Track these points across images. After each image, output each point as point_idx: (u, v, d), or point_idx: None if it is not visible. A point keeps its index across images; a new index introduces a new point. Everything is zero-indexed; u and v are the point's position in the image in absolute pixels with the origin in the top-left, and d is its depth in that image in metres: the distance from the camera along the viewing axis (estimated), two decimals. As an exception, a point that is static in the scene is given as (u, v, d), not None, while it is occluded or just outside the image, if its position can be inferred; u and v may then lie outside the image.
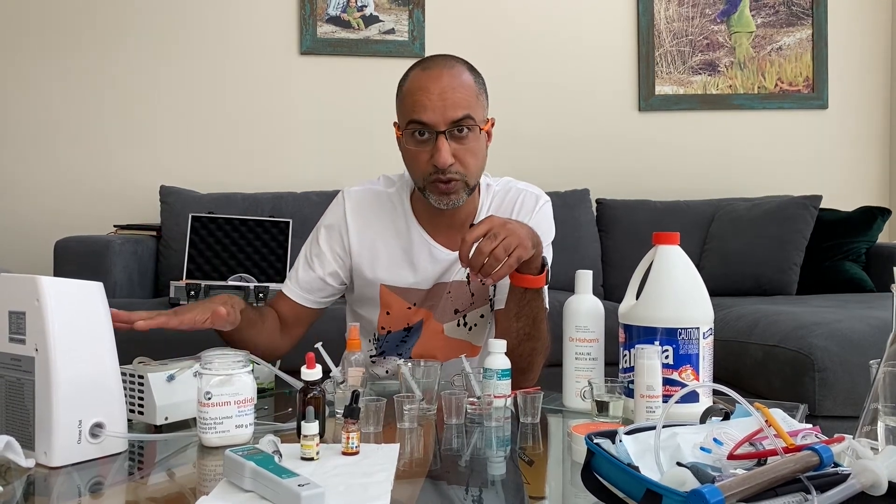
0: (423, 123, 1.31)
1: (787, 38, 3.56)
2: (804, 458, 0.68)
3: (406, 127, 1.34)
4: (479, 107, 1.35)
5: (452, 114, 1.30)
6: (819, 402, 1.89)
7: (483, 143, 1.38)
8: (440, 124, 1.30)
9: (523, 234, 1.23)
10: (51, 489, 0.88)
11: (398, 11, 3.41)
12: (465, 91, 1.33)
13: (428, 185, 1.35)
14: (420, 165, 1.35)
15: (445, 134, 1.31)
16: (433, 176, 1.33)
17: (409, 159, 1.38)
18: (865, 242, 2.98)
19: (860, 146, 3.60)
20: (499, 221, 1.21)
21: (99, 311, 0.97)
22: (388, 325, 1.47)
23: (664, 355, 1.08)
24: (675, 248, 1.14)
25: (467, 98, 1.32)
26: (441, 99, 1.30)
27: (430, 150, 1.32)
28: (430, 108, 1.30)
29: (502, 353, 1.16)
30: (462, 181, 1.35)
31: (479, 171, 1.39)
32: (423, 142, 1.33)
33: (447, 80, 1.32)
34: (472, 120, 1.32)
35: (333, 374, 1.18)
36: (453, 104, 1.30)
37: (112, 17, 3.31)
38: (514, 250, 1.20)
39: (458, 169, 1.33)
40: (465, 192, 1.36)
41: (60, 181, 3.29)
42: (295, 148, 3.38)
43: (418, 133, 1.33)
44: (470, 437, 1.07)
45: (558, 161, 3.45)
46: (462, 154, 1.33)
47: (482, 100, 1.38)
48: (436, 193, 1.36)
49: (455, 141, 1.32)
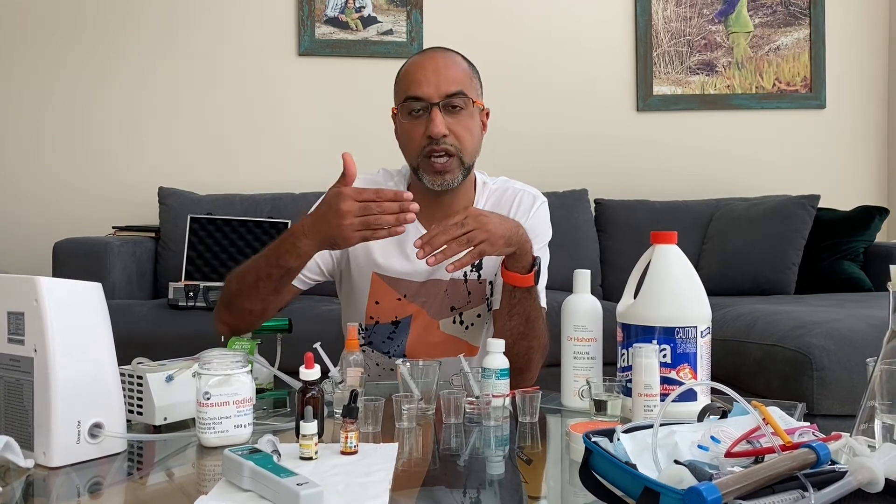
0: (417, 98, 1.35)
1: (784, 38, 3.57)
2: (801, 456, 0.68)
3: (402, 103, 1.38)
4: (472, 87, 1.39)
5: (446, 87, 1.34)
6: (817, 401, 1.89)
7: (477, 122, 1.41)
8: (434, 97, 1.34)
9: (497, 231, 1.23)
10: (50, 489, 0.88)
11: (396, 12, 3.41)
12: (460, 70, 1.38)
13: (422, 161, 1.36)
14: (415, 140, 1.36)
15: (439, 106, 1.34)
16: (427, 149, 1.35)
17: (404, 137, 1.40)
18: (863, 242, 2.99)
19: (858, 146, 3.61)
20: (475, 213, 1.23)
21: (98, 311, 0.97)
22: (377, 315, 1.47)
23: (662, 354, 1.09)
24: (672, 247, 1.14)
25: (461, 76, 1.37)
26: (435, 74, 1.35)
27: (425, 123, 1.34)
28: (424, 83, 1.34)
29: (500, 352, 1.16)
30: (457, 156, 1.36)
31: (473, 149, 1.40)
32: (417, 116, 1.36)
33: (441, 60, 1.37)
34: (465, 95, 1.36)
35: (332, 374, 1.18)
36: (447, 79, 1.35)
37: (110, 19, 3.31)
38: (479, 244, 1.21)
39: (452, 142, 1.35)
40: (459, 170, 1.37)
41: (59, 183, 3.29)
42: (293, 149, 3.38)
43: (413, 109, 1.36)
44: (468, 437, 1.07)
45: (557, 161, 3.45)
46: (456, 128, 1.35)
47: (475, 84, 1.41)
48: (430, 173, 1.37)
49: (449, 115, 1.35)
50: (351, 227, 1.18)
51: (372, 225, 1.18)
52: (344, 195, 1.19)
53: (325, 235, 1.22)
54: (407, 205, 1.18)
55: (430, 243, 1.20)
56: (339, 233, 1.20)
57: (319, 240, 1.24)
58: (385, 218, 1.18)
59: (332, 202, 1.20)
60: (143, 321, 2.46)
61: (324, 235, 1.22)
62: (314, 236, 1.23)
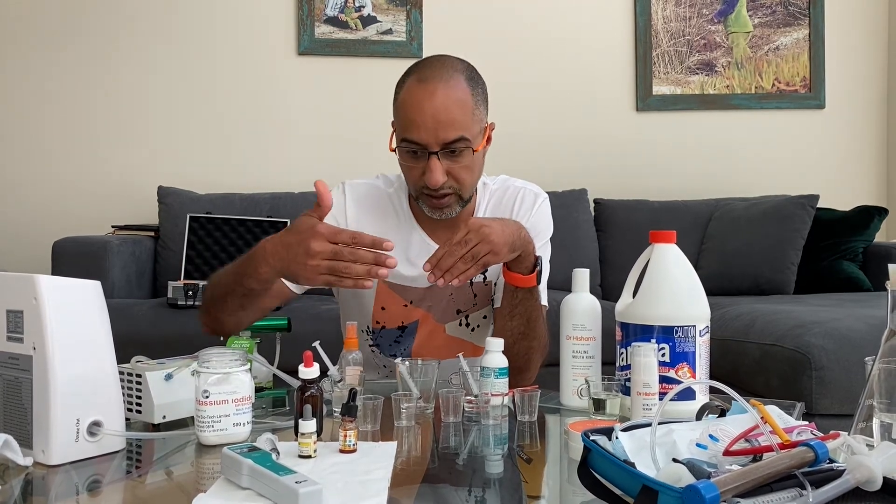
0: (415, 143, 1.29)
1: (784, 38, 3.57)
2: (799, 454, 0.68)
3: (400, 143, 1.33)
4: (474, 123, 1.31)
5: (444, 135, 1.27)
6: (816, 400, 1.89)
7: (478, 158, 1.35)
8: (432, 145, 1.28)
9: (500, 240, 1.22)
10: (48, 488, 0.88)
11: (396, 12, 3.41)
12: (460, 109, 1.28)
13: (421, 196, 1.36)
14: (413, 179, 1.34)
15: (438, 155, 1.28)
16: (426, 191, 1.33)
17: (404, 170, 1.37)
18: (862, 242, 2.99)
19: (857, 146, 3.61)
20: (476, 226, 1.20)
21: (97, 310, 0.97)
22: (383, 320, 1.46)
23: (661, 353, 1.09)
24: (671, 246, 1.15)
25: (462, 118, 1.28)
26: (434, 120, 1.26)
27: (423, 167, 1.30)
28: (422, 129, 1.27)
29: (499, 351, 1.16)
30: (455, 194, 1.34)
31: (473, 184, 1.38)
32: (416, 158, 1.31)
33: (441, 99, 1.27)
34: (466, 141, 1.29)
35: (331, 372, 1.18)
36: (446, 125, 1.27)
37: (109, 18, 3.31)
38: (483, 257, 1.20)
39: (451, 184, 1.32)
40: (458, 204, 1.36)
41: (58, 182, 3.29)
42: (293, 148, 3.38)
43: (411, 151, 1.31)
44: (467, 436, 1.07)
45: (556, 161, 3.45)
46: (455, 171, 1.31)
47: (479, 113, 1.33)
48: (428, 206, 1.36)
49: (448, 159, 1.30)
50: (316, 269, 1.10)
51: (340, 273, 1.10)
52: (318, 234, 1.11)
53: (288, 268, 1.15)
54: (383, 258, 1.10)
55: (438, 265, 1.19)
56: (302, 272, 1.12)
57: (280, 269, 1.16)
58: (355, 268, 1.10)
59: (302, 236, 1.12)
60: (143, 320, 2.46)
61: (286, 267, 1.15)
62: (276, 264, 1.16)
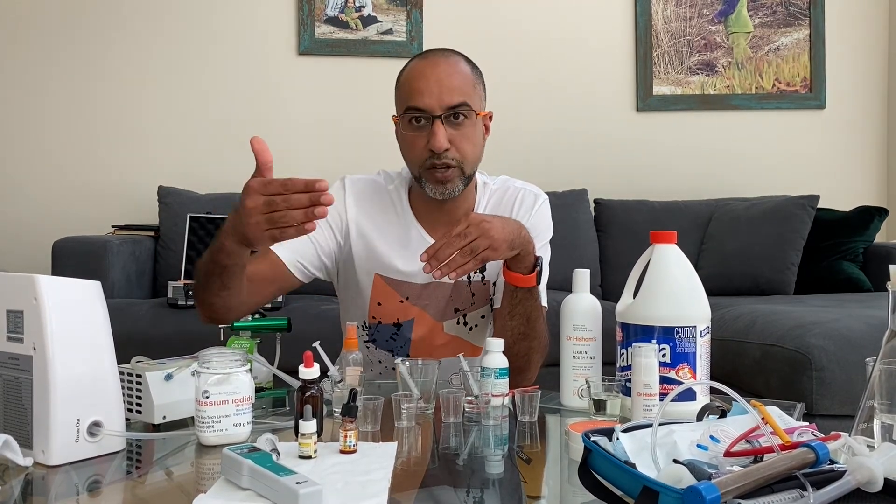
0: (419, 109, 1.32)
1: (784, 38, 3.57)
2: (800, 455, 0.68)
3: (403, 113, 1.35)
4: (475, 96, 1.36)
5: (448, 99, 1.31)
6: (817, 401, 1.89)
7: (480, 131, 1.38)
8: (436, 109, 1.31)
9: (500, 237, 1.22)
10: (48, 488, 0.88)
11: (396, 12, 3.41)
12: (462, 78, 1.34)
13: (424, 172, 1.35)
14: (416, 152, 1.35)
15: (441, 119, 1.31)
16: (429, 162, 1.33)
17: (405, 146, 1.38)
18: (863, 242, 2.99)
19: (857, 146, 3.61)
20: (476, 220, 1.21)
21: (97, 309, 0.97)
22: (379, 315, 1.46)
23: (661, 353, 1.08)
24: (672, 246, 1.14)
25: (464, 85, 1.34)
26: (437, 84, 1.31)
27: (427, 136, 1.32)
28: (426, 94, 1.31)
29: (500, 351, 1.16)
30: (458, 168, 1.35)
31: (475, 159, 1.38)
32: (419, 127, 1.33)
33: (444, 68, 1.33)
34: (468, 107, 1.33)
35: (331, 373, 1.18)
36: (449, 90, 1.31)
37: (109, 18, 3.31)
38: (482, 252, 1.20)
39: (454, 155, 1.33)
40: (460, 180, 1.36)
41: (58, 182, 3.29)
42: (293, 148, 3.38)
43: (415, 119, 1.33)
44: (468, 436, 1.07)
45: (556, 161, 3.46)
46: (458, 140, 1.33)
47: (479, 90, 1.38)
48: (431, 182, 1.35)
49: (451, 127, 1.33)
50: (258, 226, 1.06)
51: (278, 223, 1.05)
52: (249, 189, 1.07)
53: (241, 235, 1.11)
54: (318, 196, 1.03)
55: (435, 256, 1.19)
56: (249, 232, 1.08)
57: (238, 239, 1.13)
58: (292, 214, 1.04)
59: (241, 197, 1.09)
60: (143, 320, 2.46)
61: (239, 234, 1.12)
62: (234, 235, 1.13)
